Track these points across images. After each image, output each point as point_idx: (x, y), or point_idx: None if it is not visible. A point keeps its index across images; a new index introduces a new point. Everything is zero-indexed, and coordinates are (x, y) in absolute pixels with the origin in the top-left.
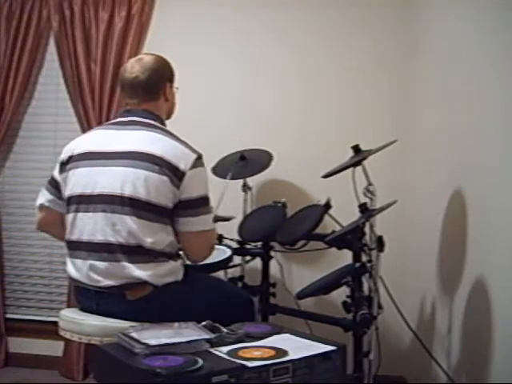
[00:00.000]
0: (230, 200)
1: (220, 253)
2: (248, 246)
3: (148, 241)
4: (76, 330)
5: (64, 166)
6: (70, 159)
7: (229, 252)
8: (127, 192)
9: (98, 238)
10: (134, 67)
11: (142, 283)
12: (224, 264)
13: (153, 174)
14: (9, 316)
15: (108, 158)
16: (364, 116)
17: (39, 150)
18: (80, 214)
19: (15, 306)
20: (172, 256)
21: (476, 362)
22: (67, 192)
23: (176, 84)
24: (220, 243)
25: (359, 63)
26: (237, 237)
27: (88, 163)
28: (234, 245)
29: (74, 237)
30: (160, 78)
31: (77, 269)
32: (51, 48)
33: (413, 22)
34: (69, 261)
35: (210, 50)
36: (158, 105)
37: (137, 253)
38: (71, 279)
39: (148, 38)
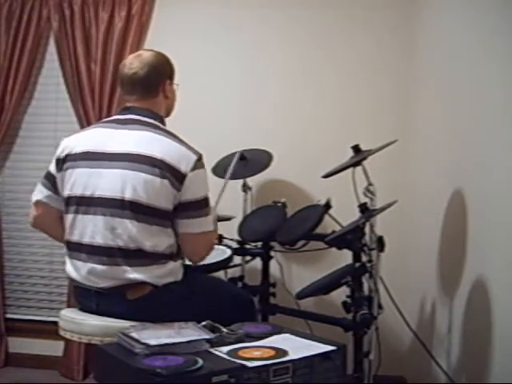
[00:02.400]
0: (229, 200)
1: (220, 253)
2: (248, 246)
3: (148, 244)
4: (76, 330)
5: (61, 164)
6: (68, 157)
7: (229, 252)
8: (128, 196)
9: (98, 241)
10: (132, 63)
11: (142, 283)
12: (224, 264)
13: (153, 177)
14: (9, 316)
15: (107, 159)
16: (364, 116)
17: (39, 149)
18: (80, 216)
19: (15, 306)
20: (172, 256)
21: (476, 362)
22: (66, 192)
23: (176, 81)
24: (220, 243)
25: (359, 63)
26: (237, 237)
27: (87, 164)
28: (234, 245)
29: (74, 238)
30: (159, 74)
31: (76, 270)
32: (51, 48)
33: (413, 22)
34: (68, 261)
35: (210, 50)
36: (157, 102)
37: (137, 256)
38: (70, 279)
39: (148, 38)
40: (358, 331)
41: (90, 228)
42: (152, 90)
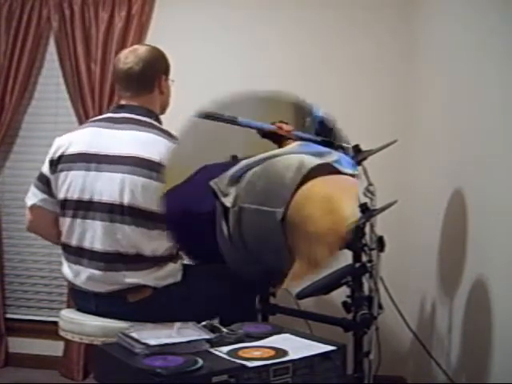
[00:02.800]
0: None
1: None
2: None
3: (148, 249)
4: (77, 331)
5: (55, 165)
6: (62, 158)
7: None
8: (126, 201)
9: (97, 246)
10: (127, 58)
11: (142, 286)
12: None
13: (151, 182)
14: (9, 316)
15: (105, 162)
16: (364, 116)
17: (39, 149)
18: (78, 220)
19: (15, 306)
20: (171, 258)
21: (476, 362)
22: (61, 194)
23: (172, 77)
24: None
25: (359, 63)
26: None
27: (83, 166)
28: None
29: (74, 242)
30: (154, 69)
31: (75, 274)
32: (51, 48)
33: (413, 23)
34: (66, 264)
35: (210, 50)
36: (153, 97)
37: (136, 261)
38: (68, 281)
39: (148, 37)
40: (358, 331)
41: (90, 234)
42: (147, 86)
